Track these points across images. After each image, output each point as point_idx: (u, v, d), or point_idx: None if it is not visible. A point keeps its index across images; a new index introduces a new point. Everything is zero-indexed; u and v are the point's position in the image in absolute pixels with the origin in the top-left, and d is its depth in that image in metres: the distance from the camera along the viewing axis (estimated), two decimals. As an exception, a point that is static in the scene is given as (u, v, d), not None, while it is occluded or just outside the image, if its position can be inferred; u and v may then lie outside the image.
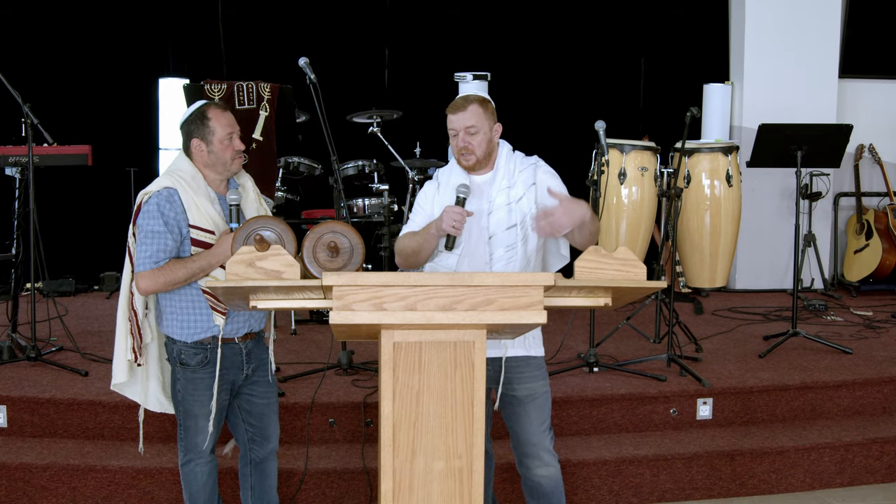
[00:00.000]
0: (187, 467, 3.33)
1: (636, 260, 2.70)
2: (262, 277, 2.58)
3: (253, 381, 3.38)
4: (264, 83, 5.03)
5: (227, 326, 3.25)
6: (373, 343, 2.93)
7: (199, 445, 3.29)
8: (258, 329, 3.37)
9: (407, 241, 3.30)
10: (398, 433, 2.61)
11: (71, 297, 6.71)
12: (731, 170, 6.11)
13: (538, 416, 3.29)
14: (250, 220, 3.02)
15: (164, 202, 3.15)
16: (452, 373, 2.62)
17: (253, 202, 3.36)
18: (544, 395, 3.31)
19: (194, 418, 3.27)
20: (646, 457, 4.27)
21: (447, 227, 3.12)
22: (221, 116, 3.23)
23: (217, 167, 3.24)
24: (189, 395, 3.26)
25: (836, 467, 4.44)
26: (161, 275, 3.13)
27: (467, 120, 3.22)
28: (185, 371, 3.25)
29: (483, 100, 3.28)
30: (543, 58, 7.59)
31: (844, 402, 4.81)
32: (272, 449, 3.47)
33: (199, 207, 3.18)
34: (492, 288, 2.52)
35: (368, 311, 2.50)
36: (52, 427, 4.35)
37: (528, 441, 3.30)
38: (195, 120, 3.23)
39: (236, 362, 3.31)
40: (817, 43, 7.18)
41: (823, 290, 7.18)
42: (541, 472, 3.30)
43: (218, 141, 3.21)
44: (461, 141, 3.24)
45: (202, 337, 3.23)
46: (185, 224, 3.16)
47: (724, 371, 4.93)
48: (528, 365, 3.30)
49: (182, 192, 3.17)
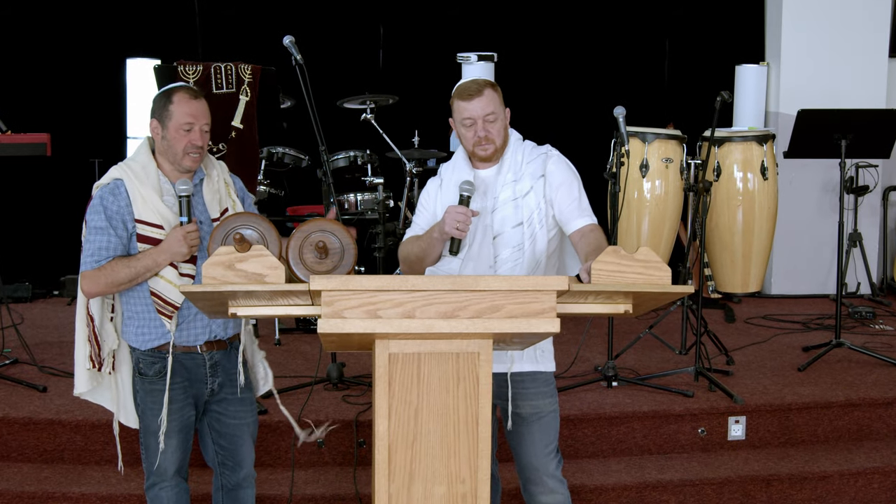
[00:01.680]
0: (151, 492, 3.32)
1: (660, 262, 2.70)
2: (243, 281, 2.59)
3: (221, 397, 3.37)
4: (245, 64, 5.03)
5: (182, 332, 3.24)
6: (366, 354, 2.94)
7: (161, 466, 3.27)
8: (224, 337, 3.34)
9: (410, 246, 3.31)
10: (394, 455, 2.62)
11: (27, 304, 6.72)
12: (766, 161, 6.11)
13: (543, 438, 3.29)
14: (229, 217, 3.03)
15: (109, 195, 3.18)
16: (455, 387, 2.63)
17: (215, 193, 3.33)
18: (551, 415, 3.32)
19: (154, 435, 3.26)
20: (671, 482, 4.28)
21: (450, 229, 3.12)
22: (187, 103, 3.21)
23: (168, 156, 3.24)
24: (148, 409, 3.27)
25: (888, 495, 4.44)
26: (102, 275, 3.14)
27: (486, 107, 3.23)
28: (144, 381, 3.26)
29: (493, 84, 3.30)
30: (556, 36, 7.59)
31: (895, 422, 4.82)
32: (246, 475, 3.44)
33: (146, 199, 3.18)
34: (499, 293, 2.53)
35: (361, 319, 2.50)
36: (4, 450, 4.35)
37: (530, 465, 3.31)
38: (160, 98, 3.25)
39: (199, 374, 3.30)
40: (864, 18, 7.17)
41: (871, 295, 7.18)
42: (545, 499, 3.31)
43: (174, 127, 3.20)
44: (481, 130, 3.24)
45: (157, 344, 3.24)
46: (131, 218, 3.17)
47: (759, 386, 4.94)
48: (535, 381, 3.30)
49: (128, 183, 3.19)
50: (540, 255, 3.26)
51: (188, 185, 3.17)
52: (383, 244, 5.82)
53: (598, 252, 2.83)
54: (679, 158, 6.00)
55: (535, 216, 3.24)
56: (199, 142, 3.22)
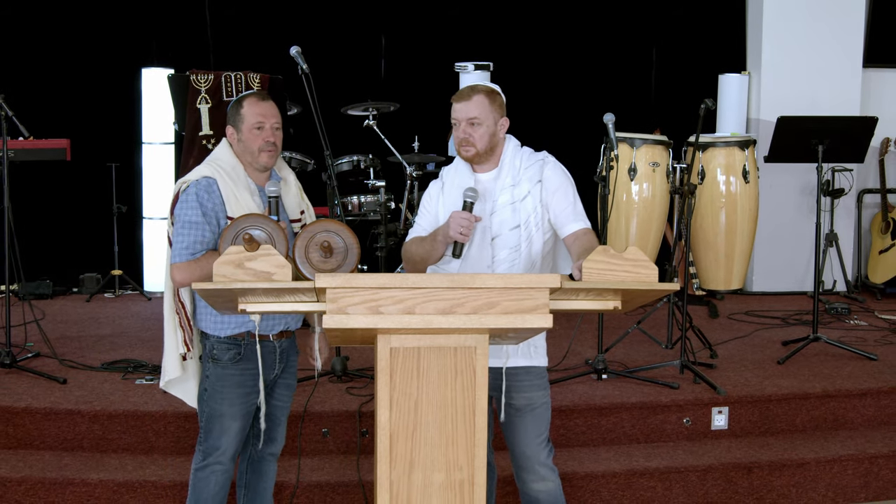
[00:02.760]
0: (202, 472, 3.31)
1: (647, 261, 2.70)
2: (252, 279, 2.58)
3: (279, 382, 3.41)
4: (254, 73, 5.03)
5: (262, 322, 3.25)
6: (368, 348, 2.93)
7: (221, 448, 3.28)
8: (294, 328, 3.39)
9: (414, 247, 3.31)
10: (395, 444, 2.62)
11: (48, 300, 6.71)
12: (747, 165, 6.11)
13: (535, 429, 3.29)
14: (239, 219, 3.02)
15: (203, 192, 3.18)
16: (453, 380, 2.63)
17: (294, 196, 3.40)
18: (543, 406, 3.32)
19: (220, 418, 3.26)
20: (657, 469, 4.28)
21: (454, 233, 3.12)
22: (255, 105, 3.26)
23: (246, 156, 3.27)
24: (217, 393, 3.26)
25: (861, 481, 4.44)
26: (197, 267, 3.14)
27: (471, 111, 3.23)
28: (216, 367, 3.26)
29: (491, 91, 3.28)
30: (549, 47, 7.59)
31: (869, 412, 4.82)
32: (273, 451, 3.49)
33: (239, 199, 3.20)
34: (494, 290, 2.52)
35: (364, 315, 2.50)
36: (27, 438, 4.35)
37: (522, 453, 3.31)
38: (233, 106, 3.29)
39: (269, 360, 3.32)
40: (840, 30, 7.18)
41: (846, 292, 7.19)
42: (537, 486, 3.31)
43: (247, 129, 3.23)
44: (462, 132, 3.24)
45: (236, 332, 3.24)
46: (224, 216, 3.18)
47: (741, 378, 4.94)
48: (529, 374, 3.30)
49: (221, 183, 3.20)
50: (535, 256, 3.26)
51: (278, 187, 3.19)
52: (385, 244, 5.81)
53: (590, 252, 2.83)
54: (665, 162, 6.00)
55: (532, 219, 3.24)
56: (272, 138, 3.25)
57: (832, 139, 5.31)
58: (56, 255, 7.07)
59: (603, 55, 7.63)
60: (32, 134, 5.00)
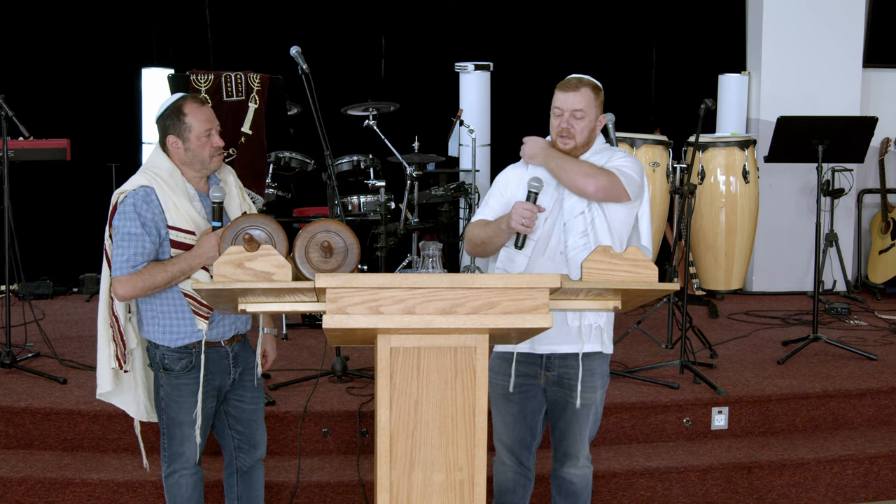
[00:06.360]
0: (171, 479, 3.33)
1: (647, 261, 2.70)
2: (252, 279, 2.58)
3: (240, 385, 3.39)
4: (254, 73, 5.02)
5: (212, 330, 3.25)
6: (369, 348, 2.93)
7: (184, 455, 3.29)
8: (244, 331, 3.38)
9: (477, 230, 3.31)
10: (395, 444, 2.62)
11: (48, 300, 6.70)
12: (747, 165, 6.11)
13: (588, 428, 3.36)
14: (239, 219, 3.02)
15: (141, 202, 3.13)
16: (453, 380, 2.63)
17: (235, 198, 3.34)
18: (599, 404, 3.38)
19: (179, 426, 3.27)
20: (658, 469, 4.28)
21: (516, 224, 3.13)
22: (199, 111, 3.20)
23: (195, 165, 3.23)
24: (173, 402, 3.26)
25: (861, 481, 4.44)
26: (140, 279, 3.11)
27: (577, 102, 3.24)
28: (169, 377, 3.25)
29: (597, 86, 3.29)
30: (549, 47, 7.59)
31: (869, 412, 4.82)
32: (259, 457, 3.48)
33: (178, 207, 3.16)
34: (494, 290, 2.52)
35: (364, 315, 2.50)
36: (27, 438, 4.35)
37: (569, 447, 3.36)
38: (171, 115, 3.21)
39: (222, 366, 3.31)
40: (840, 30, 7.17)
41: (846, 292, 7.18)
42: (575, 471, 3.38)
43: (195, 138, 3.19)
44: (564, 122, 3.25)
45: (187, 342, 3.23)
46: (164, 225, 3.15)
47: (741, 378, 4.94)
48: (593, 375, 3.31)
49: (159, 191, 3.16)
50: (604, 240, 3.22)
51: (222, 192, 3.17)
52: (385, 244, 5.81)
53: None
54: (665, 162, 6.00)
55: (594, 205, 3.23)
56: (219, 143, 3.24)
57: (832, 139, 5.31)
58: (56, 255, 7.06)
59: (603, 55, 7.62)
60: (32, 134, 5.00)
